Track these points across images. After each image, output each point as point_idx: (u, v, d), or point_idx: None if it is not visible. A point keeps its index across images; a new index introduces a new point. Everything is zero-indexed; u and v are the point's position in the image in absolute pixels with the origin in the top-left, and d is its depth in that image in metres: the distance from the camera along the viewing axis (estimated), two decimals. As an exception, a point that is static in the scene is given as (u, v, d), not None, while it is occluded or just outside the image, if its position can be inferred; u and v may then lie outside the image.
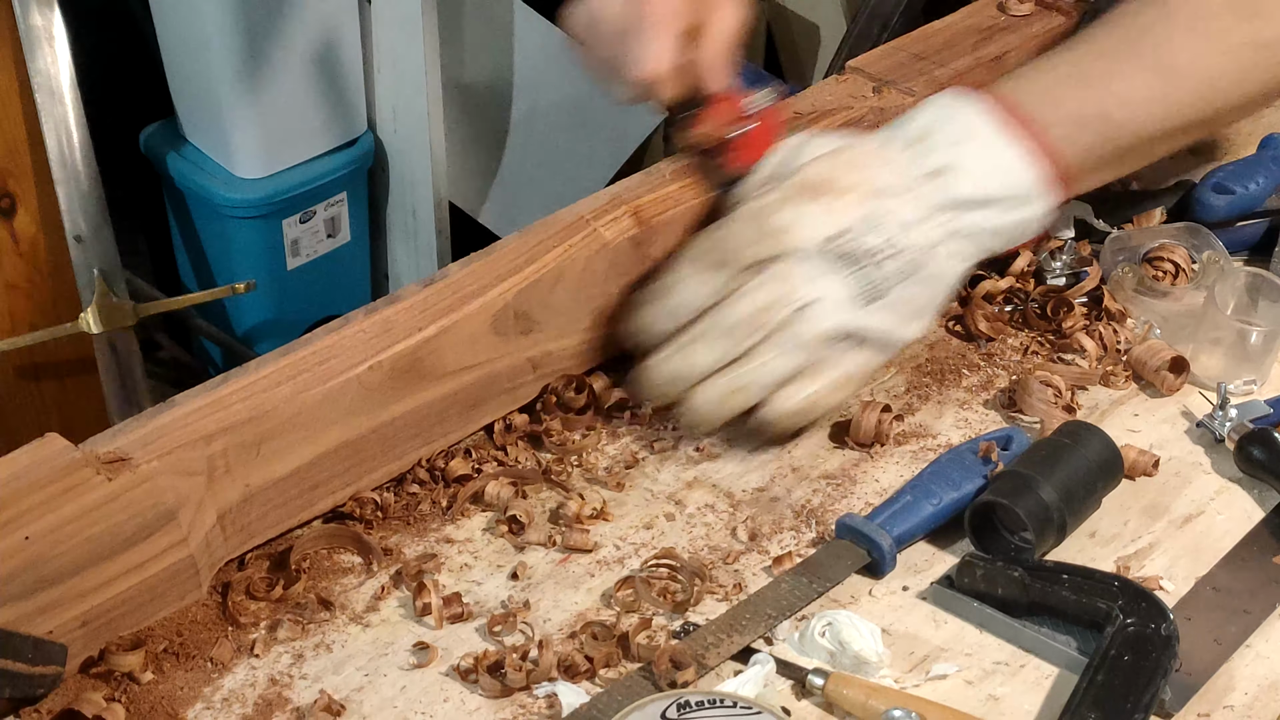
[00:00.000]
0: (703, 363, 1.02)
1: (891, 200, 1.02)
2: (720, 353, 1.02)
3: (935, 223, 1.03)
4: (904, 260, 1.01)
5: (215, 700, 0.90)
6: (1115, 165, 1.10)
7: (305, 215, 2.25)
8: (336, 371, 0.98)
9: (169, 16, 2.11)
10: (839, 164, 1.04)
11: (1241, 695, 0.92)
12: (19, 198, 1.95)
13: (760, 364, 1.01)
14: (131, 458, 0.91)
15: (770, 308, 1.01)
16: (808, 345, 1.01)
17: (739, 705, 0.83)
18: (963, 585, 0.97)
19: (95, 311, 1.98)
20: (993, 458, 1.03)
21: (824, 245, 1.01)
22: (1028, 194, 1.05)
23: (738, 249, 1.02)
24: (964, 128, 1.05)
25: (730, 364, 1.02)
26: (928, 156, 1.04)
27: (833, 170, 1.03)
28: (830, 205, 1.01)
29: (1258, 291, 1.15)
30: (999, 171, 1.04)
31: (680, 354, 1.03)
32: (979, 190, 1.04)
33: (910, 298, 1.04)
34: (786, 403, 1.03)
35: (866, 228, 1.01)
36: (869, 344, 1.04)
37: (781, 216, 1.01)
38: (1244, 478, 1.07)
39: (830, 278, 1.01)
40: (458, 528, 1.03)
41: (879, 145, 1.06)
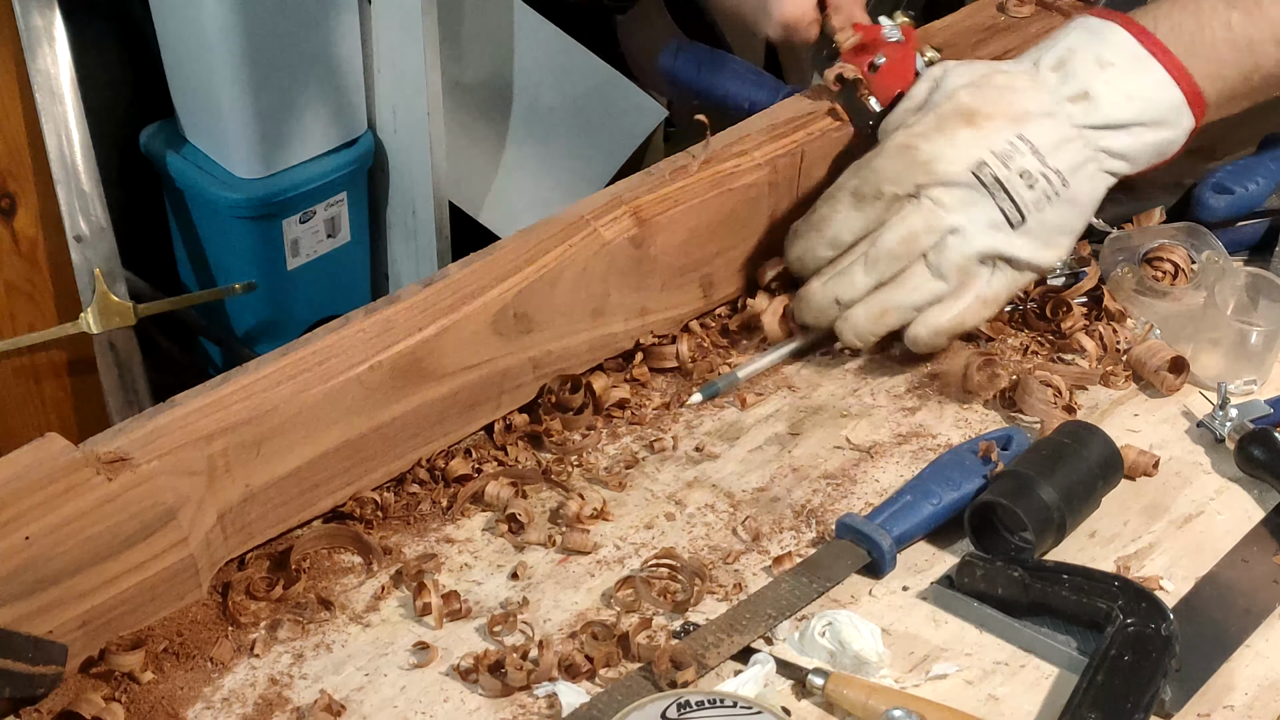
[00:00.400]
0: (858, 286, 1.09)
1: (1035, 124, 1.08)
2: (874, 277, 1.09)
3: (1078, 144, 1.08)
4: (1044, 187, 1.07)
5: (215, 700, 0.90)
6: (1247, 96, 1.14)
7: (305, 215, 2.25)
8: (336, 371, 0.98)
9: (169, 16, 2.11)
10: (984, 91, 1.09)
11: (1241, 695, 0.92)
12: (19, 198, 1.95)
13: (910, 287, 1.08)
14: (132, 458, 0.91)
15: (919, 235, 1.07)
16: (954, 269, 1.07)
17: (739, 705, 0.83)
18: (963, 585, 0.97)
19: (95, 311, 1.98)
20: (992, 458, 1.03)
21: (964, 175, 1.06)
22: (1166, 116, 1.10)
23: (888, 181, 1.07)
24: (1106, 52, 1.10)
25: (882, 286, 1.09)
26: (1070, 80, 1.09)
27: (978, 98, 1.09)
28: (975, 133, 1.07)
29: (1258, 291, 1.15)
30: (1139, 94, 1.09)
31: (837, 279, 1.10)
32: (1119, 112, 1.09)
33: (1053, 221, 1.09)
34: (933, 321, 1.10)
35: (1011, 152, 1.07)
36: (1013, 266, 1.10)
37: (929, 147, 1.07)
38: (1244, 477, 1.07)
39: (976, 204, 1.07)
40: (458, 528, 1.03)
41: (1023, 70, 1.11)
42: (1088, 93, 1.09)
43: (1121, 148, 1.11)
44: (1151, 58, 1.10)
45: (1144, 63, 1.10)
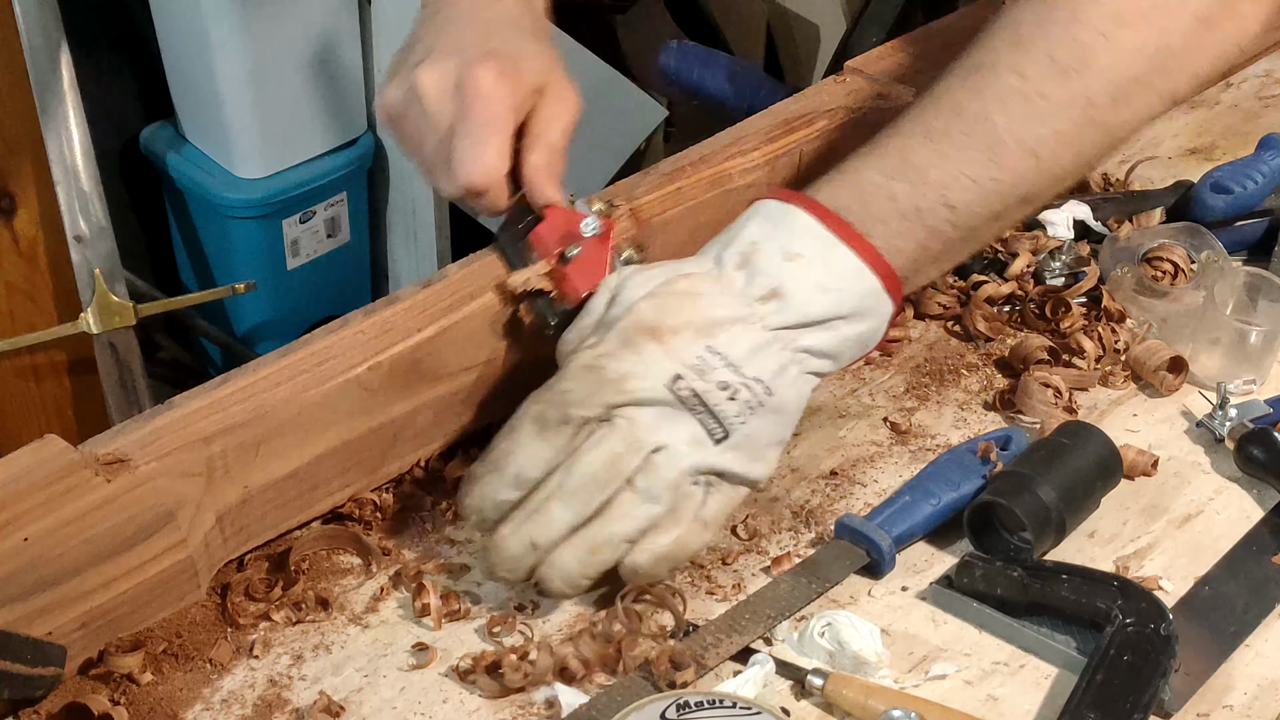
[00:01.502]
0: (557, 526, 0.93)
1: (726, 333, 0.95)
2: (574, 513, 0.93)
3: (776, 348, 0.96)
4: (750, 393, 0.94)
5: (214, 701, 0.90)
6: (945, 258, 1.02)
7: (305, 215, 2.25)
8: (336, 372, 0.98)
9: (169, 16, 2.11)
10: (666, 301, 0.96)
11: (1241, 695, 0.92)
12: (19, 198, 1.95)
13: (620, 516, 0.93)
14: (131, 459, 0.91)
15: (619, 458, 0.93)
16: (666, 489, 0.93)
17: (738, 705, 0.83)
18: (962, 585, 0.97)
19: (95, 311, 1.98)
20: (992, 458, 1.03)
21: (665, 389, 0.93)
22: (864, 305, 0.97)
23: (575, 404, 0.94)
24: (792, 243, 0.97)
25: (584, 524, 0.94)
26: (754, 280, 0.96)
27: (661, 310, 0.95)
28: (663, 348, 0.94)
29: (1257, 291, 1.15)
30: (832, 285, 0.96)
31: (531, 521, 0.94)
32: (815, 308, 0.96)
33: (760, 432, 0.96)
34: (653, 547, 0.95)
35: (705, 366, 0.94)
36: (724, 483, 0.96)
37: (617, 365, 0.94)
38: (1243, 477, 1.07)
39: (676, 421, 0.94)
40: (457, 528, 1.03)
41: (705, 272, 0.98)
42: (778, 290, 0.95)
43: (822, 345, 0.97)
44: (840, 242, 0.97)
45: (833, 249, 0.97)
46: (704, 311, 0.95)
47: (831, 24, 2.54)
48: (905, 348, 1.19)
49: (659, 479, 0.93)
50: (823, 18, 2.57)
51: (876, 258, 0.97)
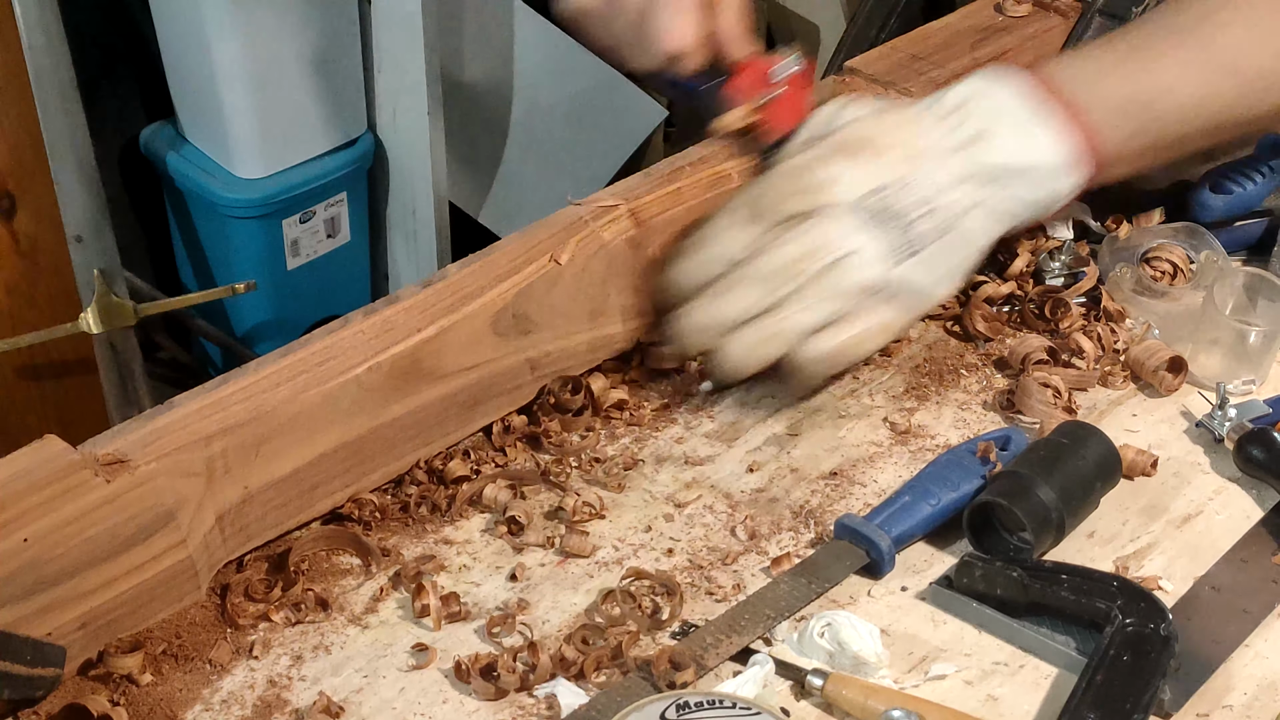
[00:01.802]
0: (735, 309, 1.02)
1: (928, 163, 1.04)
2: (753, 300, 1.02)
3: (967, 188, 1.05)
4: (937, 221, 1.03)
5: (214, 702, 0.90)
6: (1153, 153, 1.11)
7: (305, 215, 2.25)
8: (336, 372, 0.99)
9: (169, 16, 2.11)
10: (879, 126, 1.06)
11: (1241, 695, 0.92)
12: (19, 198, 1.96)
13: (792, 313, 1.02)
14: (130, 459, 0.91)
15: (805, 258, 1.01)
16: (841, 296, 1.02)
17: (738, 706, 0.83)
18: (962, 585, 0.97)
19: (95, 311, 1.98)
20: (991, 458, 1.03)
21: (861, 200, 1.02)
22: (1058, 168, 1.07)
23: (776, 202, 1.03)
24: (1002, 100, 1.07)
25: (770, 309, 1.02)
26: (964, 124, 1.06)
27: (873, 130, 1.05)
28: (869, 163, 1.03)
29: (1256, 291, 1.15)
30: (1031, 144, 1.06)
31: (713, 301, 1.03)
32: (1011, 160, 1.06)
33: (942, 258, 1.05)
34: (815, 349, 1.04)
35: (903, 187, 1.03)
36: (901, 299, 1.06)
37: (821, 172, 1.03)
38: (1243, 477, 1.07)
39: (867, 232, 1.02)
40: (456, 529, 1.03)
41: (918, 110, 1.08)
42: (984, 133, 1.06)
43: (1008, 196, 1.07)
44: (1050, 107, 1.07)
45: (1044, 110, 1.07)
46: (914, 139, 1.05)
47: (831, 24, 2.54)
48: (905, 348, 1.19)
49: (846, 280, 1.01)
50: (823, 18, 2.57)
51: (1084, 129, 1.05)
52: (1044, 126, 1.06)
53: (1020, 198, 1.07)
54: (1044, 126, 1.06)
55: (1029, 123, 1.07)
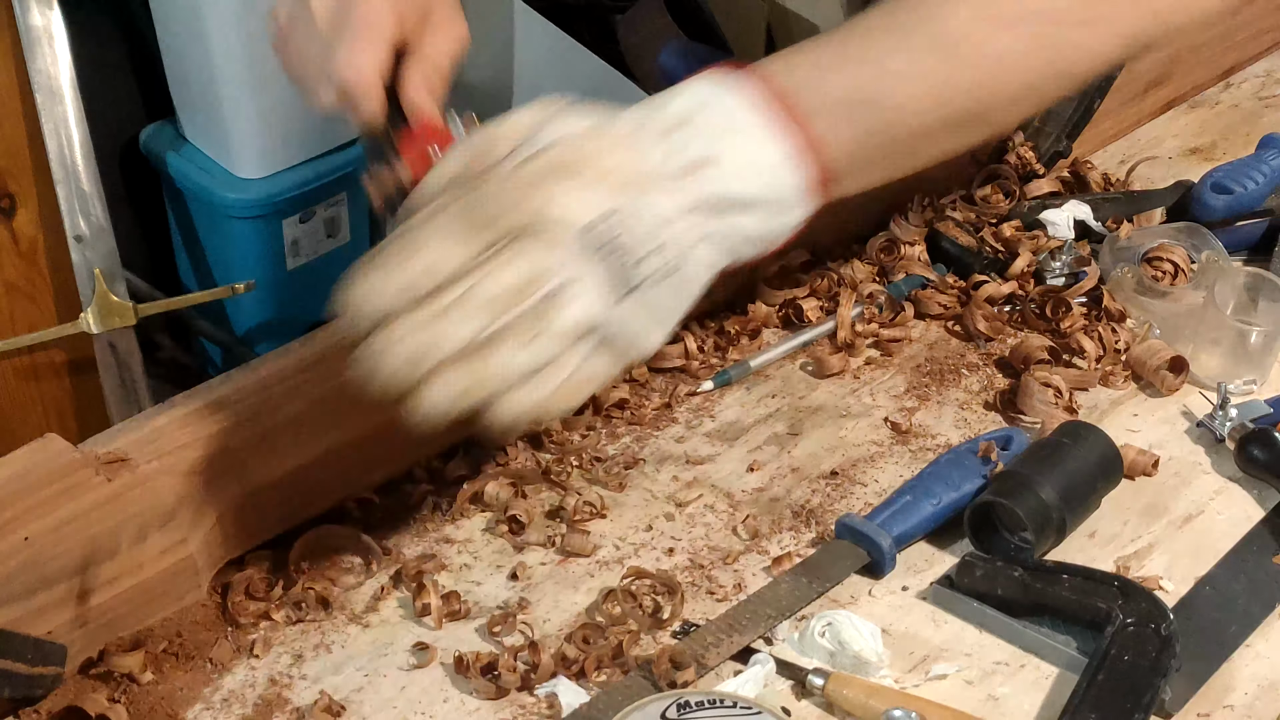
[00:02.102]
0: (455, 339, 0.85)
1: (653, 191, 0.90)
2: (475, 328, 0.85)
3: (694, 220, 0.91)
4: (665, 258, 0.90)
5: (215, 701, 0.90)
6: (884, 163, 0.98)
7: (305, 215, 2.25)
8: (336, 371, 0.98)
9: (169, 16, 2.11)
10: (600, 144, 0.91)
11: (1241, 695, 0.92)
12: (19, 198, 1.95)
13: (508, 356, 0.87)
14: (131, 458, 0.91)
15: (534, 280, 0.86)
16: (555, 336, 0.87)
17: (739, 705, 0.83)
18: (963, 585, 0.97)
19: (95, 311, 1.98)
20: (992, 458, 1.03)
21: (587, 228, 0.87)
22: (789, 199, 0.92)
23: (496, 214, 0.87)
24: (729, 117, 0.92)
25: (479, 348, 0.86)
26: (689, 145, 0.91)
27: (594, 149, 0.90)
28: (593, 186, 0.89)
29: (1257, 291, 1.15)
30: (763, 172, 0.92)
31: (430, 328, 0.85)
32: (741, 191, 0.91)
33: (663, 300, 0.91)
34: (518, 405, 0.88)
35: (628, 217, 0.88)
36: (615, 344, 0.91)
37: (545, 188, 0.88)
38: (1244, 477, 1.07)
39: (589, 264, 0.88)
40: (457, 528, 1.03)
41: (637, 127, 0.92)
42: (710, 160, 0.91)
43: (740, 229, 0.92)
44: (781, 123, 0.92)
45: (774, 131, 0.92)
46: (635, 162, 0.90)
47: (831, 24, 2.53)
48: (906, 348, 1.19)
49: (557, 321, 0.87)
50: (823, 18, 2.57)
51: (816, 148, 0.92)
52: (776, 150, 0.92)
53: (748, 233, 0.93)
54: (776, 150, 0.92)
55: (760, 146, 0.92)
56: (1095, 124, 1.38)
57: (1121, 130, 1.46)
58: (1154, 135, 1.47)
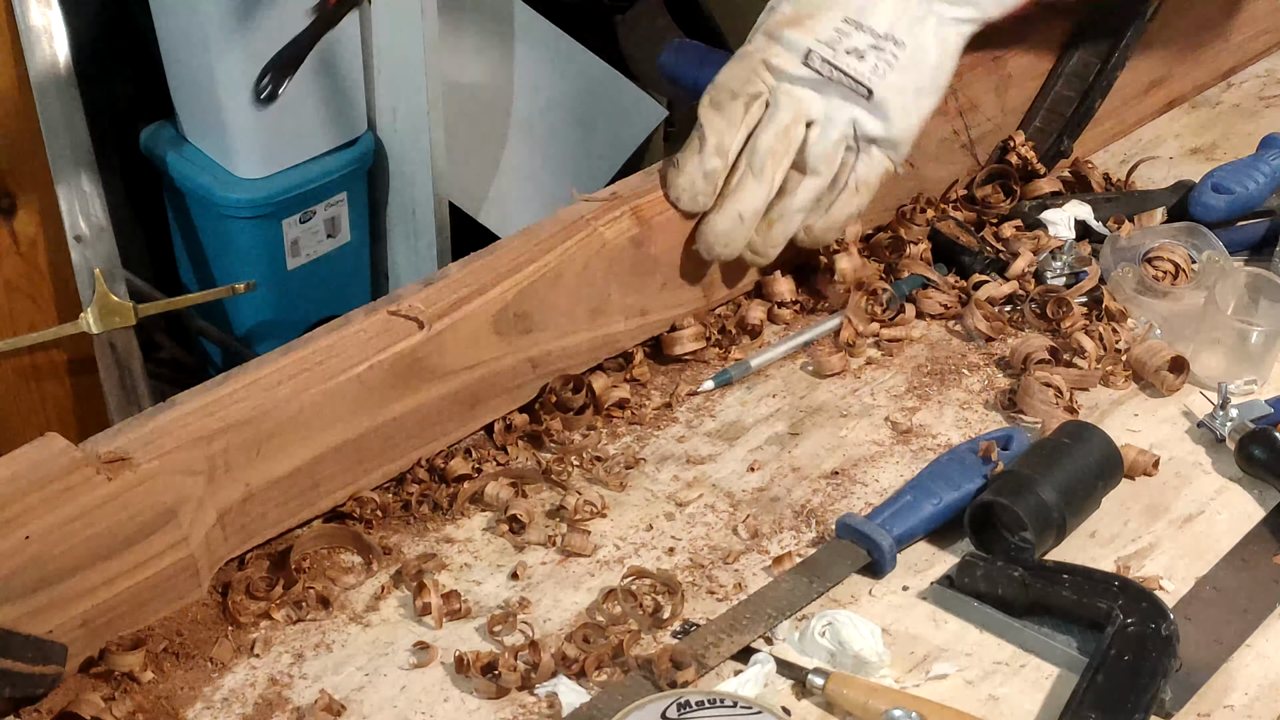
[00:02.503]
0: (757, 196, 1.12)
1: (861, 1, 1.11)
2: (765, 184, 1.11)
3: (914, 3, 1.11)
4: (880, 52, 1.10)
5: (215, 700, 0.90)
6: None
7: (305, 215, 2.25)
8: (337, 371, 0.98)
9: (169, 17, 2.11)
10: None
11: (1241, 695, 0.92)
12: (19, 198, 1.95)
13: (790, 192, 1.13)
14: (131, 457, 0.91)
15: (787, 130, 1.11)
16: (821, 164, 1.12)
17: (739, 705, 0.83)
18: (963, 585, 0.97)
19: (95, 311, 1.98)
20: (993, 457, 1.03)
21: (801, 64, 1.10)
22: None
23: (737, 82, 1.11)
24: None
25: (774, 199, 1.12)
26: None
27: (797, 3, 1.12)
28: (800, 30, 1.11)
29: (1258, 291, 1.15)
30: None
31: (733, 198, 1.12)
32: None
33: (901, 84, 1.11)
34: (817, 224, 1.15)
35: (838, 37, 1.10)
36: (877, 145, 1.13)
37: (760, 52, 1.11)
38: (1244, 477, 1.07)
39: (822, 90, 1.11)
40: (458, 527, 1.03)
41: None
42: None
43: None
44: None
45: None
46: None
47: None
48: (906, 347, 1.19)
49: (815, 152, 1.12)
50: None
51: None
52: None
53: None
54: None
55: None
56: (1096, 124, 1.38)
57: (1122, 130, 1.46)
58: (1155, 135, 1.47)
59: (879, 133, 1.13)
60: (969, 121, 1.31)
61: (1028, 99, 1.35)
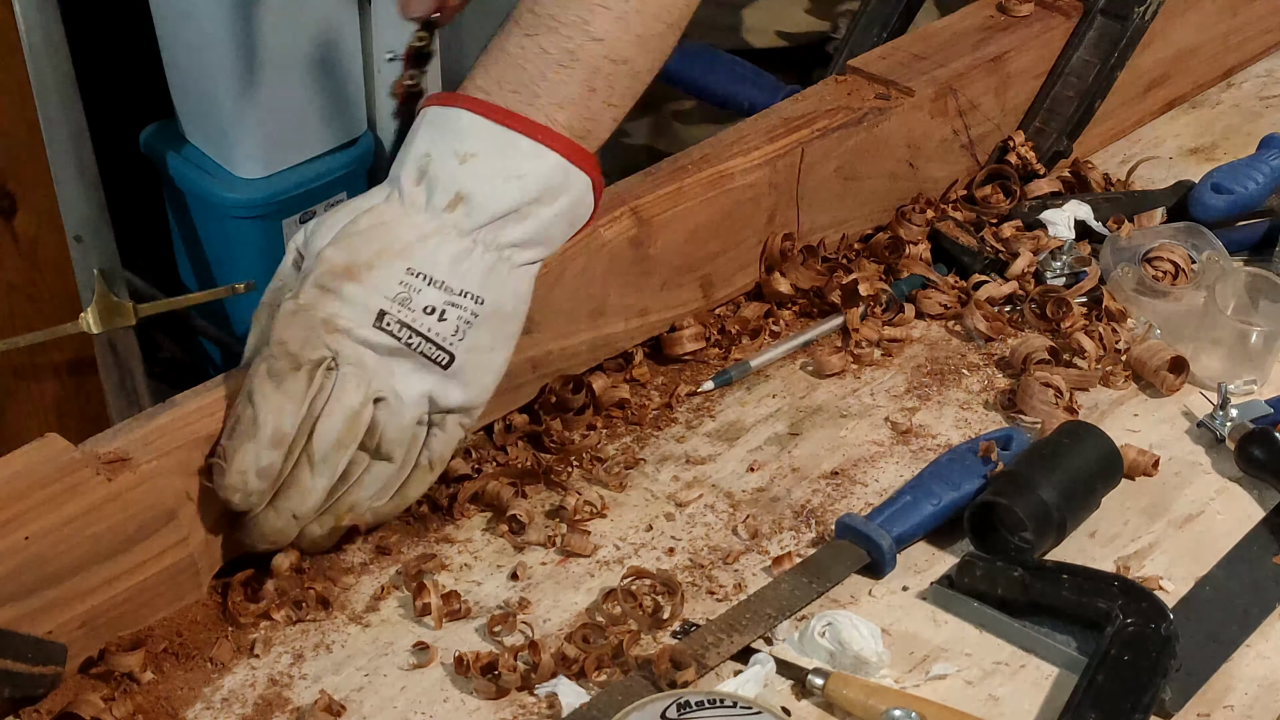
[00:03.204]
0: (315, 493, 0.94)
1: (423, 249, 0.95)
2: (327, 479, 0.94)
3: (478, 252, 0.96)
4: (460, 309, 0.95)
5: (215, 700, 0.90)
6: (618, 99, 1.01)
7: (305, 215, 2.25)
8: (336, 371, 0.98)
9: (169, 16, 2.11)
10: (354, 239, 0.95)
11: (1241, 695, 0.92)
12: (19, 198, 1.95)
13: (360, 485, 0.96)
14: (131, 457, 0.91)
15: (356, 415, 0.93)
16: (394, 448, 0.96)
17: (739, 705, 0.83)
18: (963, 585, 0.97)
19: (95, 311, 1.98)
20: (992, 458, 1.03)
21: (374, 328, 0.93)
22: (554, 184, 0.98)
23: (299, 347, 0.93)
24: (461, 144, 0.97)
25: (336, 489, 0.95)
26: (436, 191, 0.96)
27: (351, 248, 0.95)
28: (363, 284, 0.94)
29: (1258, 291, 1.15)
30: (513, 173, 0.97)
31: (287, 495, 0.94)
32: (504, 201, 0.96)
33: (483, 342, 0.97)
34: (384, 510, 0.99)
35: (408, 293, 0.94)
36: (449, 419, 0.98)
37: (323, 309, 0.94)
38: (1244, 477, 1.07)
39: (396, 360, 0.94)
40: (457, 528, 1.03)
41: (385, 199, 0.97)
42: (461, 195, 0.96)
43: (524, 235, 0.97)
44: (506, 129, 0.97)
45: (502, 137, 0.97)
46: (393, 238, 0.95)
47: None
48: (906, 347, 1.19)
49: (390, 436, 0.95)
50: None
51: (547, 133, 0.97)
52: (514, 153, 0.97)
53: (534, 236, 0.98)
54: (514, 153, 0.97)
55: (498, 158, 0.97)
56: (1096, 124, 1.38)
57: (1122, 130, 1.46)
58: (1155, 135, 1.47)
59: (457, 402, 0.97)
60: (969, 121, 1.31)
61: (1028, 99, 1.35)
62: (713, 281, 1.18)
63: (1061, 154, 1.35)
